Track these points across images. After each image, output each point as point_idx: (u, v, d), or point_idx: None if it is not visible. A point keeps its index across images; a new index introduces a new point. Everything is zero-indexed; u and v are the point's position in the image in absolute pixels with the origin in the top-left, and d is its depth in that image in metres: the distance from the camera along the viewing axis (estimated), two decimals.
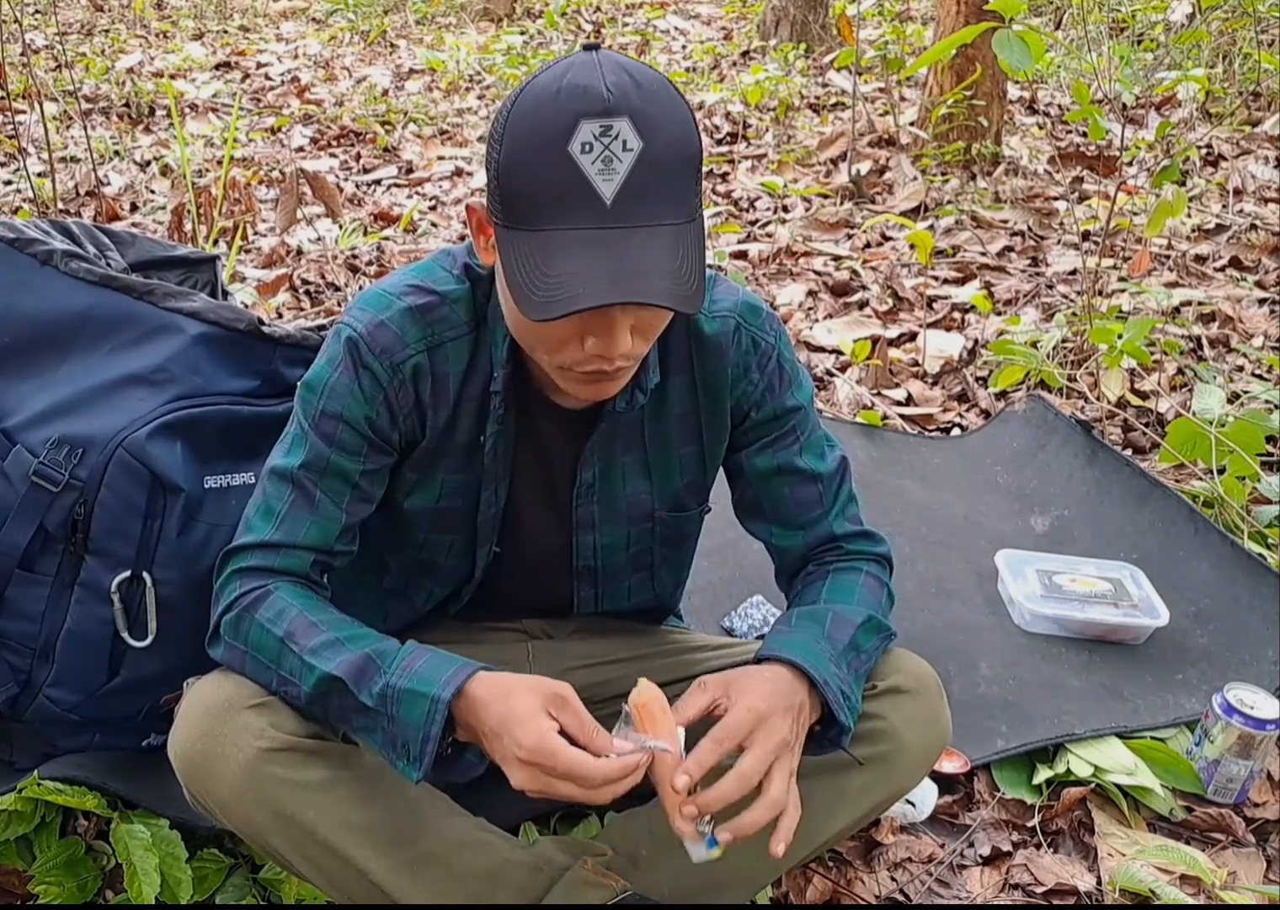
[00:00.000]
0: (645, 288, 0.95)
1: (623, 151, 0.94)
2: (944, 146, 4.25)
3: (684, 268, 0.98)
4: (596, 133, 0.94)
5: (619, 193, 0.95)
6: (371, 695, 1.05)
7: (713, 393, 1.24)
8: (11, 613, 1.35)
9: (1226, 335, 2.96)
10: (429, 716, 1.02)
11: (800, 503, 1.29)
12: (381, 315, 1.15)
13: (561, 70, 0.97)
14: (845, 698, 1.13)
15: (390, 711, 1.04)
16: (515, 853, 1.16)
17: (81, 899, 1.34)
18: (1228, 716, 1.56)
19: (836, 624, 1.19)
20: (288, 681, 1.10)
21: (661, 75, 1.00)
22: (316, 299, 3.24)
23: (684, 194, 0.99)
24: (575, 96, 0.95)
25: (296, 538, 1.16)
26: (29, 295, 1.42)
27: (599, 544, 1.31)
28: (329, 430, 1.16)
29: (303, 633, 1.10)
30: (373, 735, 1.07)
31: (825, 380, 2.85)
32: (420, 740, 1.02)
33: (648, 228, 0.96)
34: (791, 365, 1.27)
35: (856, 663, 1.19)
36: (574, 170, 0.94)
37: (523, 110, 0.97)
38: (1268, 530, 2.14)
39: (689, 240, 0.99)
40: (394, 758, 1.05)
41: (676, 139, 0.97)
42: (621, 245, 0.95)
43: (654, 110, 0.96)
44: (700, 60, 6.29)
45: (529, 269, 0.97)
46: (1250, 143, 4.47)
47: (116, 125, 5.05)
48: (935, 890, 1.44)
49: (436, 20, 7.92)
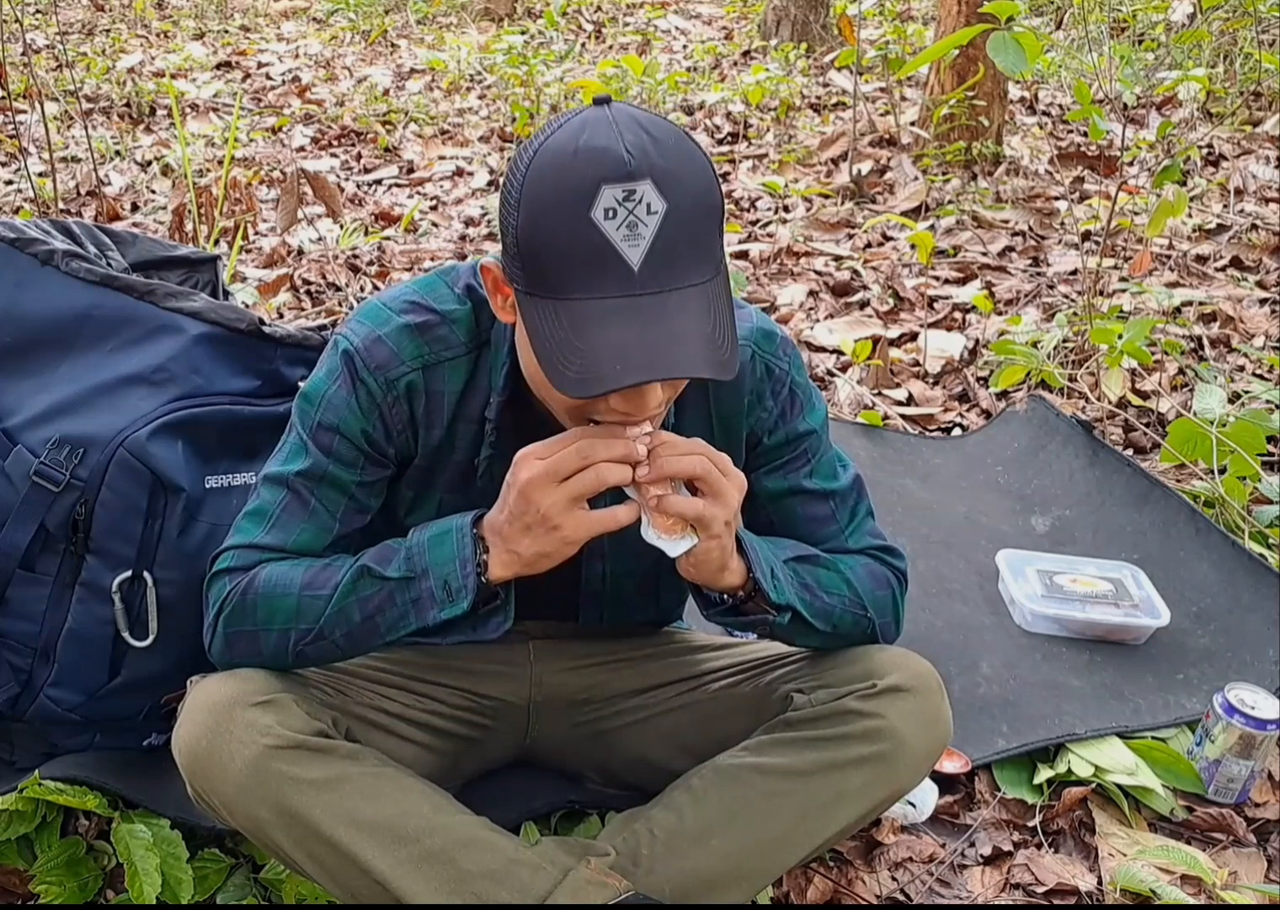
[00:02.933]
0: (683, 360, 0.94)
1: (647, 215, 0.93)
2: (945, 146, 4.25)
3: (716, 330, 0.97)
4: (620, 198, 0.92)
5: (646, 258, 0.93)
6: (399, 566, 1.08)
7: (727, 421, 1.24)
8: (12, 612, 1.36)
9: (1227, 335, 2.96)
10: (458, 543, 1.07)
11: (813, 520, 1.28)
12: (379, 330, 1.15)
13: (576, 129, 0.95)
14: (774, 578, 1.16)
15: (419, 569, 1.08)
16: (519, 852, 1.16)
17: (82, 899, 1.34)
18: (1229, 716, 1.56)
19: (797, 548, 1.23)
20: (308, 631, 1.12)
21: (675, 126, 0.99)
22: (317, 299, 3.24)
23: (710, 249, 0.98)
24: (594, 160, 0.93)
25: (286, 542, 1.16)
26: (30, 295, 1.42)
27: (609, 572, 1.31)
28: (326, 442, 1.16)
29: (319, 578, 1.13)
30: (405, 618, 1.09)
31: (826, 380, 2.85)
32: (460, 564, 1.06)
33: (678, 291, 0.95)
34: (805, 390, 1.27)
35: (811, 587, 1.20)
36: (599, 237, 0.92)
37: (540, 174, 0.95)
38: (1268, 530, 2.14)
39: (718, 296, 0.99)
40: (435, 614, 1.08)
41: (699, 193, 0.96)
42: (653, 314, 0.94)
43: (674, 167, 0.94)
44: (701, 60, 6.28)
45: (558, 341, 0.95)
46: (1251, 143, 4.47)
47: (117, 125, 5.05)
48: (936, 890, 1.44)
49: (437, 20, 7.92)
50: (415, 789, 1.16)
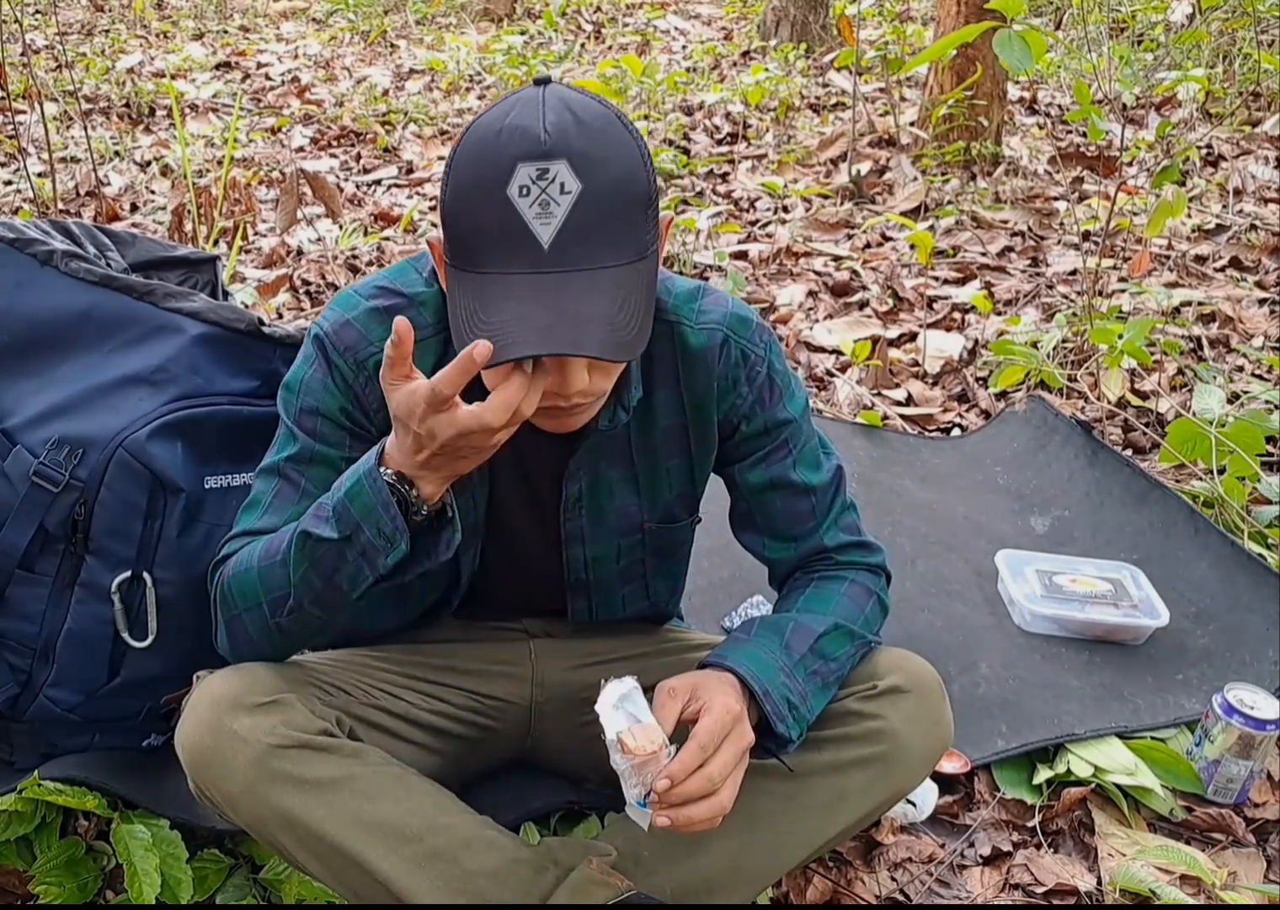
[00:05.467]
0: (576, 338, 0.95)
1: (560, 194, 0.94)
2: (944, 147, 4.25)
3: (624, 312, 0.97)
4: (533, 176, 0.94)
5: (556, 237, 0.95)
6: (332, 523, 1.05)
7: (699, 405, 1.24)
8: (12, 613, 1.36)
9: (1226, 335, 2.96)
10: (372, 491, 1.02)
11: (793, 515, 1.29)
12: (347, 314, 1.17)
13: (505, 109, 0.98)
14: (792, 708, 1.15)
15: (352, 524, 1.04)
16: (521, 852, 1.16)
17: (82, 899, 1.34)
18: (1228, 716, 1.56)
19: (797, 633, 1.21)
20: (277, 601, 1.11)
21: (611, 110, 1.00)
22: (317, 299, 3.24)
23: (630, 233, 0.99)
24: (514, 139, 0.95)
25: (279, 524, 1.16)
26: (29, 295, 1.42)
27: (589, 557, 1.30)
28: (310, 426, 1.17)
29: (272, 545, 1.11)
30: (361, 571, 1.06)
31: (825, 380, 2.85)
32: (383, 508, 1.02)
33: (587, 271, 0.96)
34: (783, 377, 1.27)
35: (824, 670, 1.20)
36: (512, 214, 0.95)
37: (465, 152, 0.98)
38: (1268, 530, 2.14)
39: (634, 281, 0.99)
40: (383, 561, 1.05)
41: (620, 178, 0.97)
42: (558, 292, 0.95)
43: (595, 151, 0.96)
44: (700, 60, 6.29)
45: (468, 313, 0.98)
46: (1250, 143, 4.47)
47: (117, 125, 5.05)
48: (935, 890, 1.44)
49: (436, 20, 7.92)
50: (418, 788, 1.16)
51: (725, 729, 1.06)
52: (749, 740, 1.08)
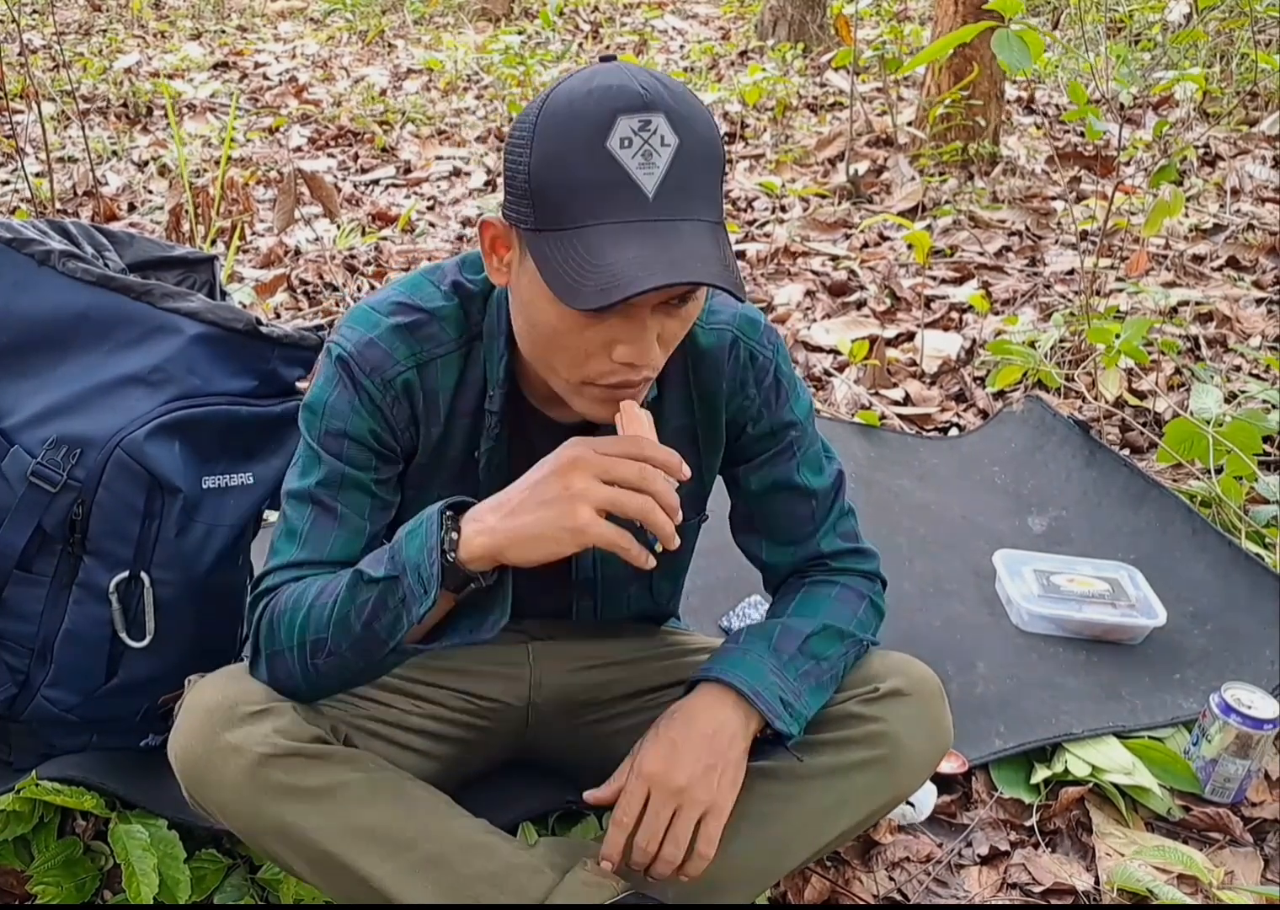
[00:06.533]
0: (704, 270, 0.95)
1: (661, 146, 0.95)
2: (941, 146, 4.25)
3: (728, 259, 0.98)
4: (635, 127, 0.94)
5: (660, 185, 0.95)
6: (385, 565, 1.05)
7: (709, 405, 1.24)
8: (9, 613, 1.35)
9: (1224, 335, 2.96)
10: (427, 530, 1.03)
11: (793, 519, 1.30)
12: (370, 333, 1.15)
13: (586, 76, 0.98)
14: (787, 705, 1.15)
15: (400, 566, 1.03)
16: (518, 855, 1.15)
17: (80, 899, 1.34)
18: (1225, 716, 1.56)
19: (784, 636, 1.21)
20: (318, 643, 1.09)
21: (681, 82, 1.01)
22: (314, 299, 3.24)
23: (715, 193, 1.00)
24: (610, 95, 0.95)
25: (323, 553, 1.16)
26: (27, 295, 1.42)
27: (598, 556, 1.30)
28: (336, 448, 1.16)
29: (329, 587, 1.10)
30: (399, 620, 1.05)
31: (823, 380, 2.85)
32: (427, 552, 1.02)
33: (691, 222, 0.97)
34: (789, 379, 1.27)
35: (815, 670, 1.20)
36: (614, 165, 0.94)
37: (554, 111, 0.97)
38: (1265, 530, 2.15)
39: (725, 238, 1.00)
40: (417, 610, 1.03)
41: (708, 138, 0.98)
42: (670, 234, 0.95)
43: (685, 109, 0.97)
44: (698, 60, 6.28)
45: (575, 263, 0.95)
46: (1247, 142, 4.47)
47: (114, 125, 5.04)
48: (933, 890, 1.45)
49: (434, 20, 7.92)
50: (413, 793, 1.15)
51: (638, 801, 1.12)
52: (688, 794, 1.11)
